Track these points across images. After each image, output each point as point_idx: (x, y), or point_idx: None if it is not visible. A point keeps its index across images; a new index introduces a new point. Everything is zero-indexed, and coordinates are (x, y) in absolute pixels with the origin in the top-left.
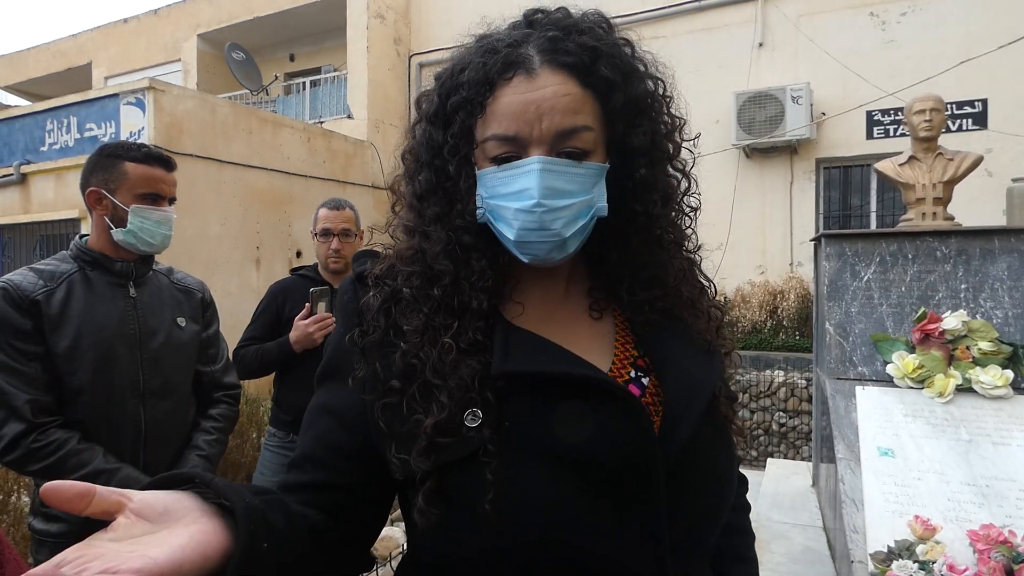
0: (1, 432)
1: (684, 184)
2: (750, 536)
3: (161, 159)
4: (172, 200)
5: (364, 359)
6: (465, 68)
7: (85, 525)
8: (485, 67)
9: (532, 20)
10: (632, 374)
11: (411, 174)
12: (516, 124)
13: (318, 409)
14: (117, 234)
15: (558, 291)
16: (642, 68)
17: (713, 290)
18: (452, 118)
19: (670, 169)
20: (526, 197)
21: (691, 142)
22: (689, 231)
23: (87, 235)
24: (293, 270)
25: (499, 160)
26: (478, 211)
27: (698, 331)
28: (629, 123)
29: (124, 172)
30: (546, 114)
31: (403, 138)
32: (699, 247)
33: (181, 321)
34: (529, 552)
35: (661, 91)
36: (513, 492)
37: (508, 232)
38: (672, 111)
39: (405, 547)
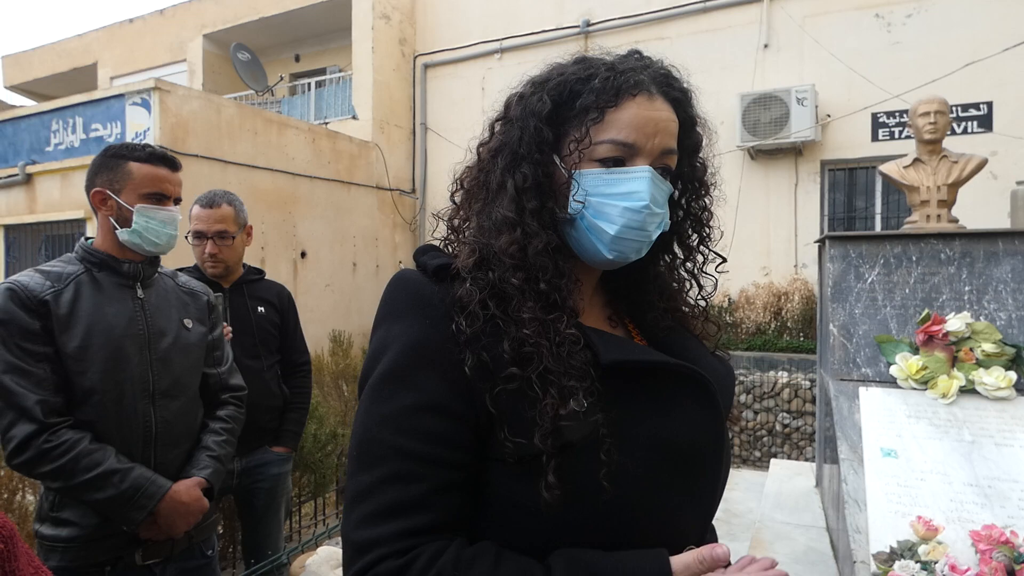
0: (11, 433)
1: (709, 217)
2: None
3: (166, 159)
4: (178, 200)
5: (470, 350)
6: (590, 77)
7: (95, 531)
8: (615, 80)
9: (639, 57)
10: None
11: (509, 166)
12: (636, 134)
13: (412, 410)
14: (122, 234)
15: (591, 300)
16: (700, 119)
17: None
18: (571, 117)
19: (707, 200)
20: (637, 199)
21: (714, 185)
22: (716, 258)
23: (92, 237)
24: (179, 269)
25: (607, 163)
26: (573, 207)
27: (706, 338)
28: (691, 158)
29: (128, 172)
30: (660, 133)
31: (484, 131)
32: (717, 272)
33: (188, 323)
34: (627, 524)
35: (706, 142)
36: (621, 470)
37: (609, 228)
38: (708, 162)
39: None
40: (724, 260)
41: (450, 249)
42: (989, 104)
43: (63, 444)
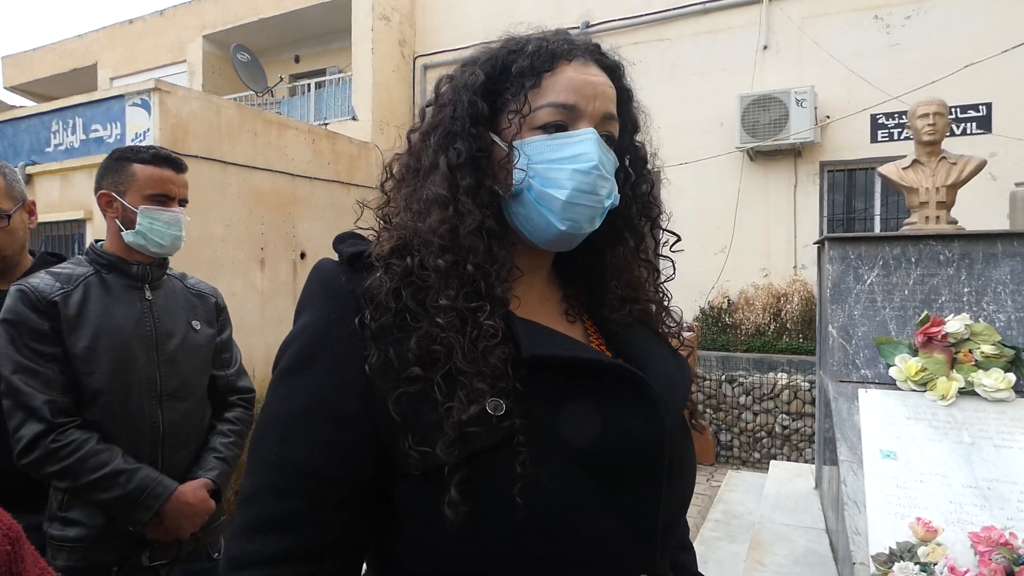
0: (20, 433)
1: (654, 198)
2: (692, 552)
3: (170, 160)
4: (183, 202)
5: (375, 345)
6: (522, 48)
7: (103, 531)
8: (549, 45)
9: (567, 33)
10: None
11: (442, 144)
12: (575, 96)
13: (299, 412)
14: (127, 236)
15: (536, 289)
16: (635, 104)
17: (669, 298)
18: (507, 85)
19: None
20: (585, 159)
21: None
22: (670, 239)
23: (102, 240)
24: None
25: (548, 129)
26: (518, 178)
27: (666, 330)
28: (631, 135)
29: (133, 174)
30: (599, 96)
31: (414, 119)
32: (671, 255)
33: (196, 324)
34: (547, 543)
35: (643, 124)
36: (540, 482)
37: (559, 193)
38: (648, 148)
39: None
40: (679, 239)
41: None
42: (988, 105)
43: (70, 444)
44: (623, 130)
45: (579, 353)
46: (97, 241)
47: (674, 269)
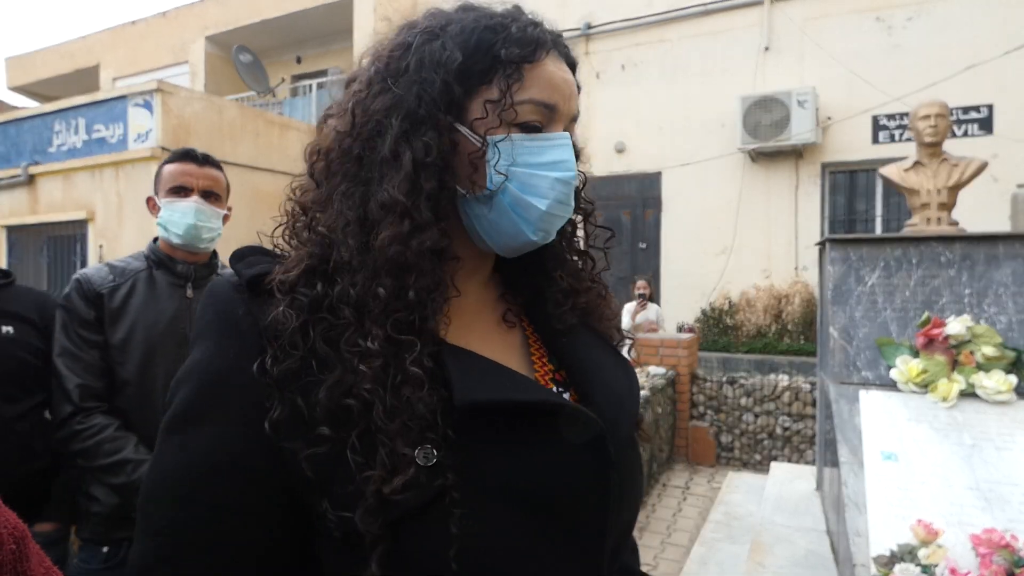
0: (56, 411)
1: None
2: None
3: (190, 155)
4: (208, 194)
5: (280, 394)
6: (501, 26)
7: (116, 509)
8: (533, 31)
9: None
10: (553, 390)
11: (406, 135)
12: (556, 95)
13: (194, 470)
14: (159, 232)
15: (476, 297)
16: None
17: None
18: (477, 73)
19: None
20: (565, 168)
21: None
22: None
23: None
24: None
25: (526, 128)
26: (494, 180)
27: (605, 322)
28: (572, 129)
29: (161, 174)
30: (573, 96)
31: (351, 92)
32: (609, 246)
33: None
34: None
35: None
36: (480, 543)
37: (539, 203)
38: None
39: None
40: (613, 234)
41: (290, 247)
42: (989, 107)
43: (91, 428)
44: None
45: (517, 395)
46: (155, 240)
47: (608, 264)
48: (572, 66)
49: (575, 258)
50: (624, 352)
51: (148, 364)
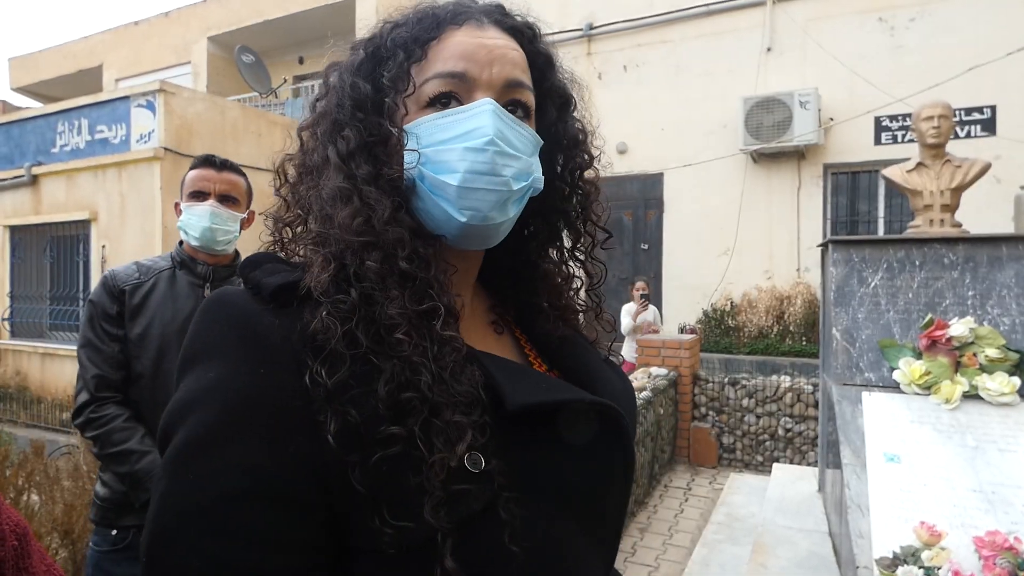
0: (76, 399)
1: (596, 192)
2: None
3: (208, 160)
4: (225, 198)
5: (331, 407)
6: (404, 20)
7: (123, 497)
8: (434, 12)
9: None
10: None
11: (330, 135)
12: (465, 63)
13: (231, 497)
14: (181, 234)
15: (467, 298)
16: (565, 76)
17: (600, 309)
18: (383, 62)
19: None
20: (478, 135)
21: (597, 158)
22: (602, 240)
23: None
24: None
25: (437, 105)
26: (408, 163)
27: (596, 336)
28: (560, 111)
29: (184, 180)
30: (497, 60)
31: (305, 115)
32: (604, 258)
33: None
34: None
35: (577, 105)
36: (528, 528)
37: (451, 179)
38: (586, 123)
39: None
40: (610, 235)
41: (297, 255)
42: (992, 108)
43: (104, 417)
44: (547, 102)
45: (562, 396)
46: (181, 242)
47: (606, 271)
48: (516, 31)
49: (560, 280)
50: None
51: (161, 359)
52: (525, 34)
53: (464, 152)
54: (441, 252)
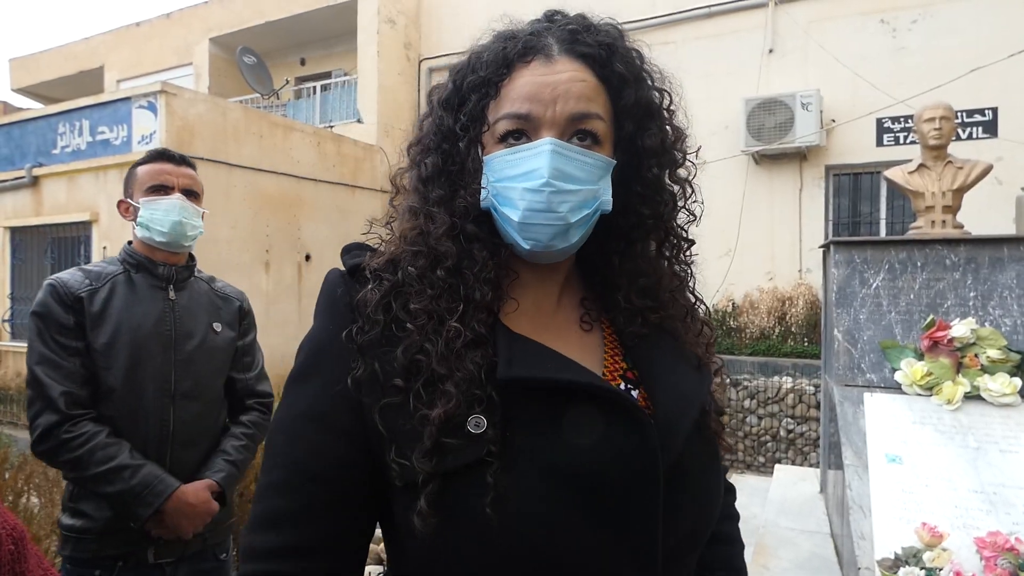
0: (36, 422)
1: (688, 192)
2: (739, 545)
3: (167, 154)
4: (189, 193)
5: (362, 358)
6: (483, 54)
7: (109, 524)
8: (504, 50)
9: (552, 17)
10: (621, 386)
11: (417, 160)
12: (530, 104)
13: (300, 418)
14: (137, 232)
15: (551, 298)
16: (650, 79)
17: (704, 308)
18: (465, 100)
19: (676, 176)
20: (535, 176)
21: (694, 154)
22: (687, 244)
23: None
24: None
25: (508, 141)
26: (482, 196)
27: (690, 340)
28: (639, 123)
29: (135, 175)
30: (561, 97)
31: (411, 132)
32: (693, 260)
33: (217, 326)
34: (525, 563)
35: (667, 103)
36: (513, 499)
37: (513, 214)
38: (676, 123)
39: (385, 569)
40: (692, 243)
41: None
42: (994, 110)
43: (82, 436)
44: (625, 118)
45: (556, 374)
46: (130, 242)
47: (691, 275)
48: (591, 56)
49: (647, 276)
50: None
51: (135, 369)
52: (598, 58)
53: (523, 192)
54: (505, 260)
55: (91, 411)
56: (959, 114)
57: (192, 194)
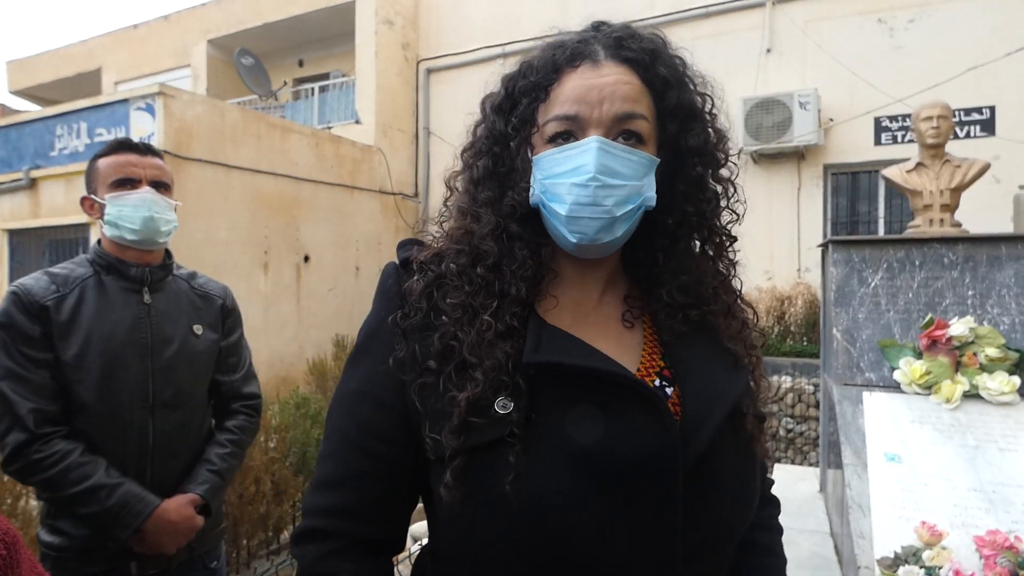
0: (5, 441)
1: (731, 191)
2: (782, 559)
3: (130, 144)
4: (159, 185)
5: (405, 340)
6: (534, 61)
7: (88, 541)
8: (554, 56)
9: (598, 27)
10: (656, 383)
11: (469, 164)
12: (578, 105)
13: (352, 394)
14: (106, 231)
15: (593, 295)
16: (692, 83)
17: (749, 309)
18: (516, 104)
19: (719, 176)
20: (582, 172)
21: (735, 155)
22: (729, 240)
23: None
24: None
25: (557, 142)
26: (531, 193)
27: (730, 338)
28: (682, 124)
29: (97, 169)
30: (607, 99)
31: (465, 136)
32: (736, 260)
33: (198, 329)
34: (542, 542)
35: (709, 107)
36: (533, 478)
37: (561, 208)
38: (718, 125)
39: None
40: (735, 239)
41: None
42: (992, 108)
43: (53, 455)
44: (668, 119)
45: (579, 361)
46: (99, 241)
47: (734, 267)
48: (635, 60)
49: (690, 273)
50: (751, 372)
51: (109, 380)
52: (641, 62)
53: (571, 187)
54: (545, 259)
55: (62, 428)
56: (957, 113)
57: (162, 186)
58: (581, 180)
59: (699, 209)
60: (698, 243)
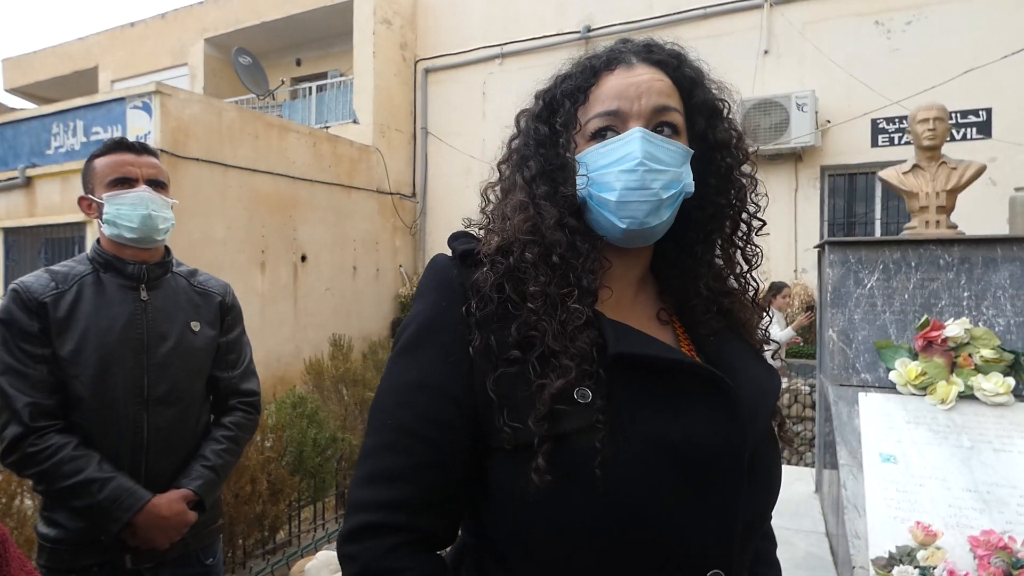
0: (3, 434)
1: (753, 185)
2: (777, 569)
3: (126, 144)
4: (155, 183)
5: (479, 331)
6: (572, 70)
7: (83, 533)
8: (591, 62)
9: (625, 42)
10: None
11: (518, 166)
12: (618, 101)
13: (410, 385)
14: (104, 231)
15: (631, 290)
16: (713, 88)
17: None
18: (558, 108)
19: (742, 171)
20: (630, 159)
21: (753, 152)
22: (760, 223)
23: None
24: None
25: (600, 137)
26: (579, 187)
27: (751, 330)
28: (709, 120)
29: (94, 169)
30: (644, 93)
31: (502, 151)
32: (758, 251)
33: (195, 326)
34: (623, 524)
35: (727, 111)
36: (618, 463)
37: (610, 195)
38: (736, 127)
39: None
40: (763, 223)
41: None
42: (988, 111)
43: (47, 449)
44: (695, 115)
45: (661, 352)
46: (99, 240)
47: (761, 255)
48: (662, 63)
49: (717, 263)
50: (768, 359)
51: (104, 375)
52: (670, 64)
53: (619, 174)
54: (600, 251)
55: (58, 422)
56: (953, 115)
57: (158, 184)
58: (629, 166)
59: (730, 201)
60: (728, 232)
